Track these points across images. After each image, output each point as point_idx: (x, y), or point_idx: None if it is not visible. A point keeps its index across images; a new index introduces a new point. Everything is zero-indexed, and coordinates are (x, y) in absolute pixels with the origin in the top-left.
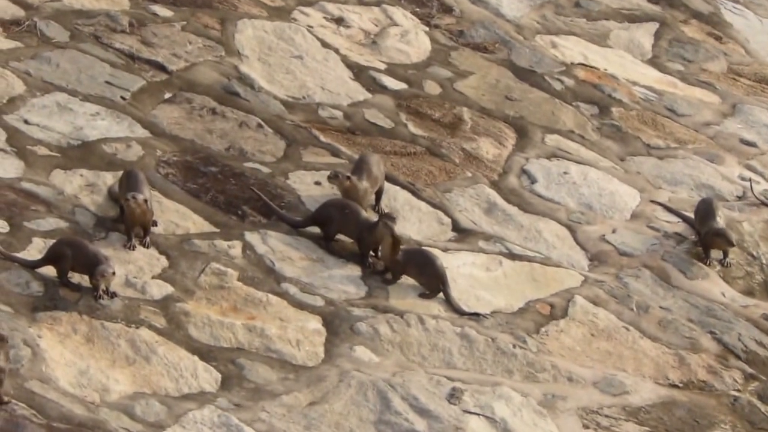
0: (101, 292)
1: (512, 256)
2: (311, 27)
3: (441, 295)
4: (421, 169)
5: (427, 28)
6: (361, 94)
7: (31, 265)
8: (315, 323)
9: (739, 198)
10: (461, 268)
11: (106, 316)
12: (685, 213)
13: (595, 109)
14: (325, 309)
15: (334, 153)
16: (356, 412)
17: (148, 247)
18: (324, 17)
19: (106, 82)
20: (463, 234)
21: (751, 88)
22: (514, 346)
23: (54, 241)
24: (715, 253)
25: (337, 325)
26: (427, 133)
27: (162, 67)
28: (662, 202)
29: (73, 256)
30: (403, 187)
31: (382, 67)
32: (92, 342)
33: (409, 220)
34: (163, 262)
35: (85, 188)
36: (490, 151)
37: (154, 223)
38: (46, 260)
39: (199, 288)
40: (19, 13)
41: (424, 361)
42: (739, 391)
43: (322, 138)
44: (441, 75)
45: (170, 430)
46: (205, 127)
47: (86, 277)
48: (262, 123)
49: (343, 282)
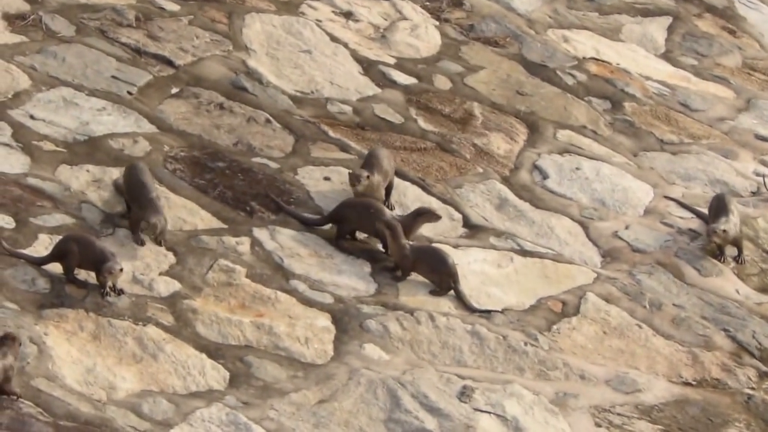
0: (108, 289)
1: (524, 253)
2: (320, 21)
3: (451, 292)
4: (432, 165)
5: (437, 22)
6: (370, 89)
7: (38, 262)
8: (324, 321)
9: (754, 194)
10: (472, 265)
11: (113, 314)
12: (698, 209)
13: (607, 104)
14: (334, 306)
15: (343, 148)
16: (366, 410)
17: (161, 244)
18: (333, 11)
19: (113, 77)
20: (474, 230)
21: (765, 83)
22: (526, 344)
23: (60, 237)
24: (730, 250)
25: (346, 322)
26: (438, 129)
27: (169, 62)
28: (676, 198)
29: (80, 252)
30: (414, 182)
31: (392, 61)
32: (99, 339)
33: None
34: (171, 258)
35: (91, 184)
36: (502, 146)
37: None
38: (53, 257)
39: (207, 285)
40: (24, 7)
41: (435, 359)
42: (753, 389)
43: (331, 133)
44: (451, 70)
45: (178, 428)
46: (213, 123)
47: (93, 274)
48: (271, 118)
49: (353, 279)
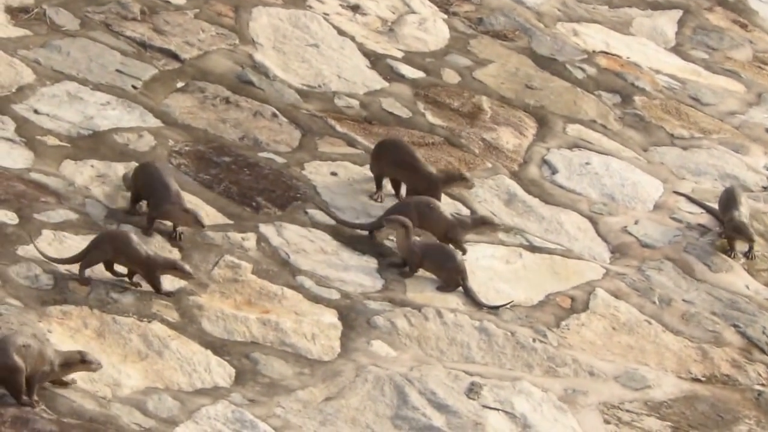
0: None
1: (532, 248)
2: (327, 14)
3: (459, 288)
4: (440, 160)
5: (446, 16)
6: (377, 82)
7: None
8: (330, 317)
9: (765, 188)
10: (480, 261)
11: (118, 311)
12: (708, 204)
13: (617, 98)
14: (340, 302)
15: (351, 143)
16: (373, 407)
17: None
18: (340, 4)
19: (117, 71)
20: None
21: None
22: (534, 340)
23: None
24: (740, 245)
25: (353, 318)
26: (446, 123)
27: (174, 56)
28: (686, 193)
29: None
30: None
31: (400, 55)
32: (103, 336)
33: None
34: (176, 254)
35: (96, 179)
36: (510, 141)
37: None
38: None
39: (213, 281)
40: (28, 0)
41: (442, 356)
42: (763, 385)
43: (339, 127)
44: (460, 63)
45: (183, 425)
46: (219, 117)
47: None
48: (277, 112)
49: (359, 275)
